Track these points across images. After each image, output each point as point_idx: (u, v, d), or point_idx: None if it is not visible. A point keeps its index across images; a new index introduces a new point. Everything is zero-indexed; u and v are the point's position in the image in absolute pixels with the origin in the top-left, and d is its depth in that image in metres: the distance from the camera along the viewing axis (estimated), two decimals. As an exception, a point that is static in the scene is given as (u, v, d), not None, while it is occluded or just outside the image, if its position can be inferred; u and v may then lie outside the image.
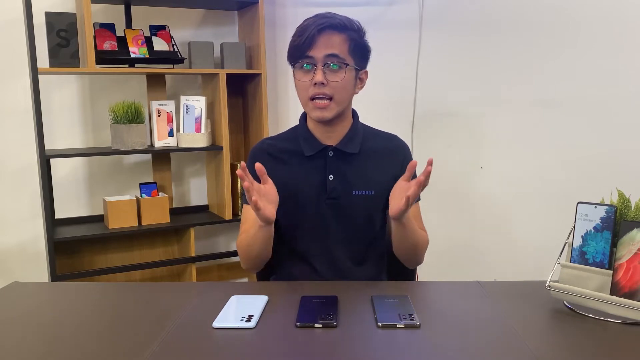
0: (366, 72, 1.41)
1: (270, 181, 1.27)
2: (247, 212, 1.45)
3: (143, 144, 2.39)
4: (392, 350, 0.92)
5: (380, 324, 1.01)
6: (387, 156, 1.43)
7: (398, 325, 1.01)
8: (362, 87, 1.42)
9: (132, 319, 1.09)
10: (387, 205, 1.43)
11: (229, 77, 2.50)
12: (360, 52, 1.37)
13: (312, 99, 1.33)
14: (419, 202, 1.49)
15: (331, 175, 1.39)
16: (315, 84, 1.31)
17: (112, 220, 2.36)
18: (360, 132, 1.43)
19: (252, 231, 1.32)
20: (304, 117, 1.45)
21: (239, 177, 1.15)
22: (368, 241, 1.43)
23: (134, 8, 2.48)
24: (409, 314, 1.05)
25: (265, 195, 1.24)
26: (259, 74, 2.55)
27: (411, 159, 1.48)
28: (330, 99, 1.33)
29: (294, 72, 1.38)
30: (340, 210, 1.39)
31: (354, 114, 1.46)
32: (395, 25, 2.61)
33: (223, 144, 2.49)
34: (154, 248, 2.61)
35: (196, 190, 2.80)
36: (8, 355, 0.93)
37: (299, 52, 1.32)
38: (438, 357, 0.91)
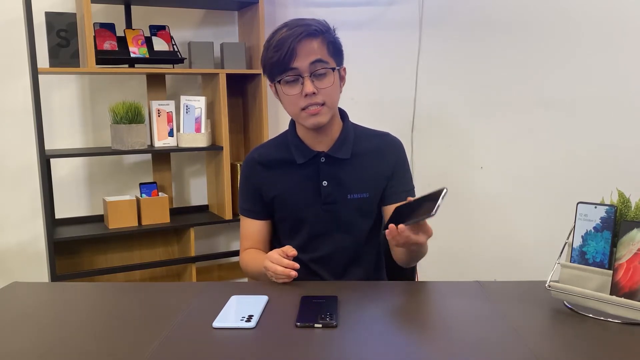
0: (344, 69, 1.39)
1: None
2: (247, 227, 1.48)
3: (143, 144, 2.39)
4: (392, 350, 0.92)
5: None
6: (379, 156, 1.42)
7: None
8: (344, 84, 1.40)
9: (132, 319, 1.09)
10: (380, 204, 1.43)
11: (229, 77, 2.50)
12: (337, 51, 1.35)
13: (304, 108, 1.31)
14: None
15: (325, 182, 1.38)
16: (306, 95, 1.29)
17: (112, 220, 2.36)
18: (351, 135, 1.41)
19: (258, 270, 1.32)
20: (292, 124, 1.43)
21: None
22: (365, 241, 1.43)
23: (134, 8, 2.48)
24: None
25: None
26: (259, 74, 2.55)
27: (404, 157, 1.46)
28: (322, 104, 1.31)
29: (276, 87, 1.35)
30: (336, 215, 1.39)
31: (343, 115, 1.44)
32: (395, 25, 2.61)
33: (223, 144, 2.49)
34: (154, 248, 2.61)
35: (196, 190, 2.80)
36: (8, 355, 0.93)
37: (281, 67, 1.29)
38: (438, 357, 0.91)
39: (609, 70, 2.18)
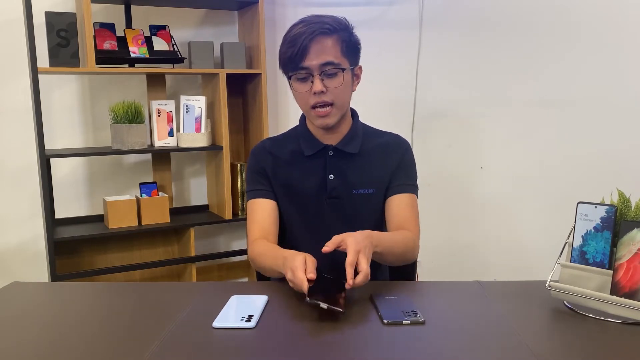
0: (360, 68, 1.40)
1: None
2: (257, 210, 1.42)
3: (143, 144, 2.39)
4: (392, 350, 0.92)
5: (385, 321, 1.01)
6: (386, 152, 1.43)
7: (404, 322, 1.01)
8: (358, 83, 1.41)
9: (132, 319, 1.09)
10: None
11: (229, 77, 2.50)
12: (352, 50, 1.36)
13: (313, 107, 1.33)
14: (414, 194, 1.43)
15: (331, 175, 1.39)
16: (314, 93, 1.30)
17: (112, 220, 2.36)
18: (360, 132, 1.43)
19: (271, 264, 1.27)
20: (304, 117, 1.45)
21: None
22: None
23: (134, 8, 2.48)
24: (412, 311, 1.05)
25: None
26: (259, 74, 2.55)
27: (411, 156, 1.46)
28: (331, 104, 1.32)
29: (289, 82, 1.36)
30: (341, 210, 1.40)
31: (354, 114, 1.46)
32: (395, 25, 2.61)
33: (223, 143, 2.49)
34: (154, 248, 2.61)
35: (196, 190, 2.80)
36: (8, 355, 0.93)
37: (293, 64, 1.30)
38: (438, 357, 0.90)
39: (610, 70, 2.18)
